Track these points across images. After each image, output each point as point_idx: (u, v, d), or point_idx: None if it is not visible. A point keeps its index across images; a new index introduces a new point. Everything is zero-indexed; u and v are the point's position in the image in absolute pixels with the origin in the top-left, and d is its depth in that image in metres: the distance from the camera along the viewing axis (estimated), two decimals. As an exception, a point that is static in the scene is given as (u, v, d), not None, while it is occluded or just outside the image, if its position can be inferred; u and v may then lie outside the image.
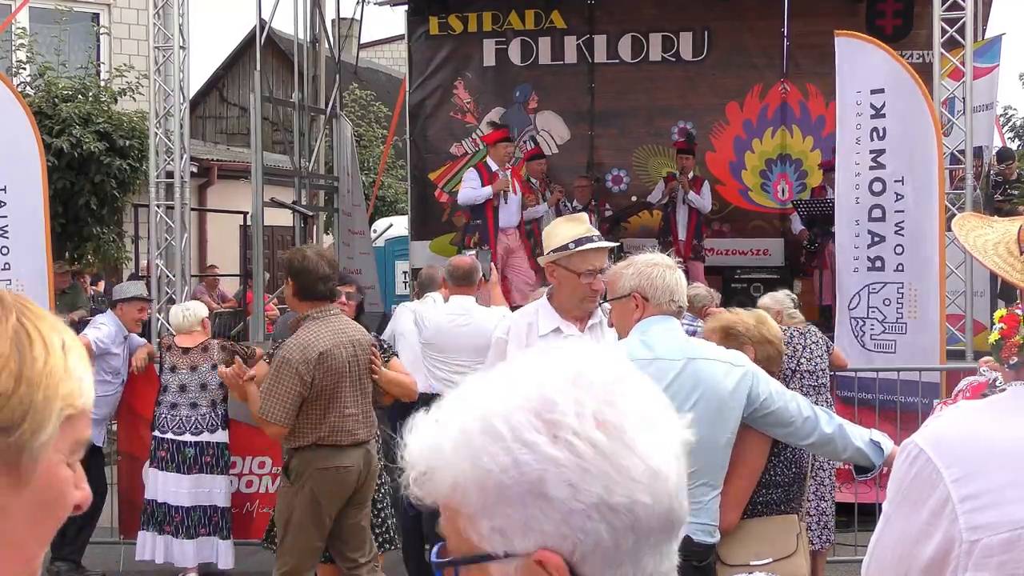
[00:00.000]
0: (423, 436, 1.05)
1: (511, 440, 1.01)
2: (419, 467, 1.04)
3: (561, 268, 3.76)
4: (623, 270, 3.45)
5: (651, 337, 3.30)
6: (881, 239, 7.69)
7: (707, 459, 3.23)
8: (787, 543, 3.62)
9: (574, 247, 3.73)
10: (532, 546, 1.01)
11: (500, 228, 10.06)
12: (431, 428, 1.05)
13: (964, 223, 1.52)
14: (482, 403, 1.04)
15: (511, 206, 10.11)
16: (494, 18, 12.30)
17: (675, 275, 3.39)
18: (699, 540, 3.22)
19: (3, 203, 7.38)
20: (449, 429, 1.04)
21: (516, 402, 1.02)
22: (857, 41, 8.02)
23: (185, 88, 9.28)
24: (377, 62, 26.11)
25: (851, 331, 7.80)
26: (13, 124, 7.43)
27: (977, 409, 1.42)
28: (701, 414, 3.21)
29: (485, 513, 1.02)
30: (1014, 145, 18.08)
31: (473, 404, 1.04)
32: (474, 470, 1.01)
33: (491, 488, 1.01)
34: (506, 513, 1.01)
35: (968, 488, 1.29)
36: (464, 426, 1.03)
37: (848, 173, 7.88)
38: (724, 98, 11.92)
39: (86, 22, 16.24)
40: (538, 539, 1.01)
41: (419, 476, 1.04)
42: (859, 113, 7.82)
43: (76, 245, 12.29)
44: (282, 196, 12.21)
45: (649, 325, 3.34)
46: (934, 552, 1.31)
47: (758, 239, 11.90)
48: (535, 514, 1.00)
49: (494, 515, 1.02)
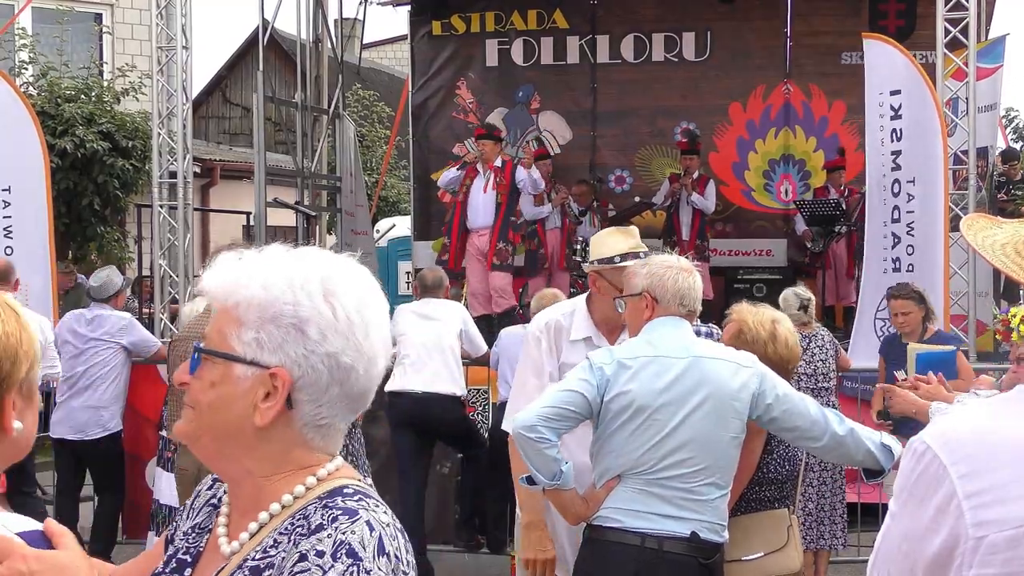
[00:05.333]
0: (230, 268, 1.43)
1: (299, 288, 1.40)
2: (224, 283, 1.42)
3: (604, 280, 3.76)
4: (639, 269, 3.47)
5: (656, 336, 3.32)
6: (897, 240, 7.72)
7: (712, 458, 3.22)
8: (778, 536, 3.63)
9: (620, 261, 3.72)
10: (275, 363, 1.39)
11: (468, 228, 9.93)
12: (236, 265, 1.44)
13: (973, 223, 1.52)
14: (283, 266, 1.42)
15: (480, 206, 9.90)
16: (497, 18, 12.30)
17: (689, 279, 3.40)
18: (705, 538, 3.21)
19: (7, 203, 7.40)
20: (252, 270, 1.42)
21: (310, 270, 1.42)
22: (881, 43, 8.02)
23: (188, 88, 9.29)
24: (380, 62, 26.11)
25: (876, 332, 7.79)
26: (17, 124, 7.45)
27: (984, 407, 1.42)
28: (706, 413, 3.22)
29: (255, 327, 1.39)
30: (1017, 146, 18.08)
31: (275, 265, 1.42)
32: (265, 295, 1.39)
33: (270, 312, 1.39)
34: (271, 331, 1.39)
35: (974, 485, 1.29)
36: (268, 273, 1.41)
37: (876, 174, 7.90)
38: (727, 98, 11.91)
39: (88, 22, 16.25)
40: (282, 359, 1.39)
41: (219, 287, 1.43)
42: (881, 115, 7.86)
43: (79, 245, 12.31)
44: (285, 196, 12.21)
45: (657, 326, 3.35)
46: (939, 548, 1.31)
47: (761, 239, 11.89)
48: (290, 341, 1.39)
49: (260, 331, 1.39)
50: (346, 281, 1.43)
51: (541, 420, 3.12)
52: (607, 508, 3.24)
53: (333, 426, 1.45)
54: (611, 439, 3.24)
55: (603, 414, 3.23)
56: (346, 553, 1.30)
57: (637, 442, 3.20)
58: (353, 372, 1.41)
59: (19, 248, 7.37)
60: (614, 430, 3.23)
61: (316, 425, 1.43)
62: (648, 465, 3.19)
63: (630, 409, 3.19)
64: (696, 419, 3.20)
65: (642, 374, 3.21)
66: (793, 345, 3.76)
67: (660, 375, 3.22)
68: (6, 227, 7.37)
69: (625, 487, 3.23)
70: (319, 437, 1.44)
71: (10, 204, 7.36)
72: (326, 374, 1.40)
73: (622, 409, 3.20)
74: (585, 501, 3.28)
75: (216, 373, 1.41)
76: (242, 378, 1.40)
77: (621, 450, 3.22)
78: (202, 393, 1.42)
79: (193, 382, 1.43)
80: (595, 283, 3.80)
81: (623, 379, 3.21)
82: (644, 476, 3.20)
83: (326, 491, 1.40)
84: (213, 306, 1.46)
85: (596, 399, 3.20)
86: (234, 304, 1.41)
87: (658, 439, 3.18)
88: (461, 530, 7.20)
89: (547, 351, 3.77)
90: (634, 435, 3.20)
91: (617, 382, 3.21)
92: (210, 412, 1.42)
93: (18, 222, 7.38)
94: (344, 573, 1.29)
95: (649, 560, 3.16)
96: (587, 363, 3.27)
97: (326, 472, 1.43)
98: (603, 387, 3.20)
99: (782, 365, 3.60)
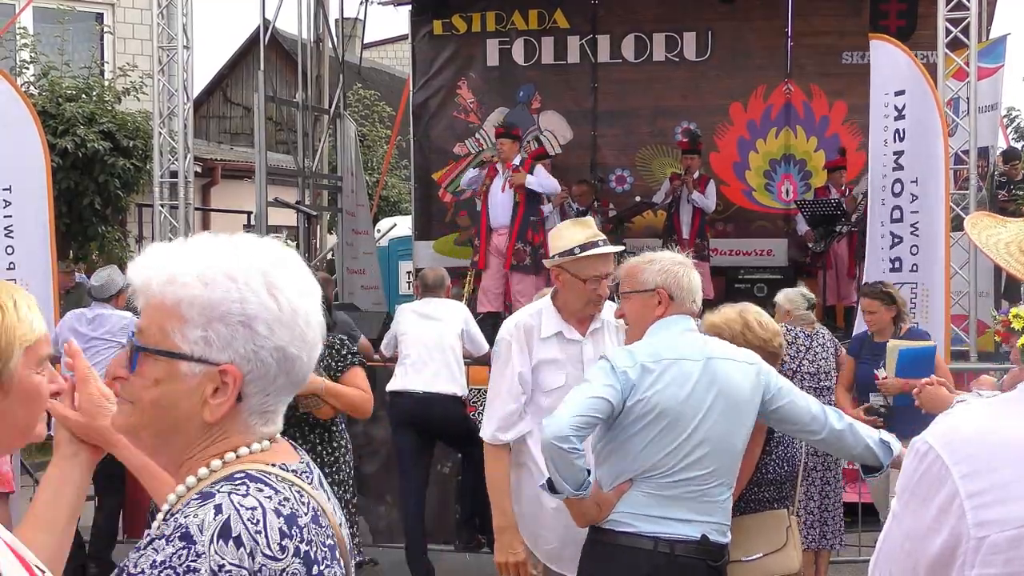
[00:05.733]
0: (161, 261, 1.44)
1: (243, 283, 1.39)
2: (158, 278, 1.42)
3: (566, 272, 3.73)
4: (645, 265, 3.40)
5: (672, 336, 3.28)
6: (899, 240, 7.72)
7: (724, 459, 3.21)
8: (777, 537, 3.63)
9: (580, 252, 3.68)
10: (225, 360, 1.39)
11: (491, 227, 10.00)
12: (168, 258, 1.44)
13: (977, 222, 1.52)
14: (220, 259, 1.42)
15: (498, 206, 9.95)
16: (497, 18, 12.30)
17: (697, 276, 3.42)
18: (714, 540, 3.20)
19: (8, 203, 7.39)
20: (187, 267, 1.41)
21: (249, 262, 1.42)
22: (887, 44, 8.01)
23: (189, 88, 9.30)
24: (381, 62, 26.11)
25: None
26: (18, 124, 7.44)
27: (987, 407, 1.42)
28: (720, 414, 3.19)
29: (201, 325, 1.39)
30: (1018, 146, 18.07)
31: (211, 258, 1.42)
32: (209, 293, 1.39)
33: (218, 310, 1.38)
34: (218, 329, 1.38)
35: (976, 484, 1.29)
36: (205, 267, 1.41)
37: (877, 175, 7.90)
38: (728, 98, 11.91)
39: (89, 22, 16.25)
40: (231, 356, 1.39)
41: (153, 282, 1.42)
42: (886, 115, 7.85)
43: (80, 245, 12.31)
44: (286, 196, 12.22)
45: (670, 324, 3.31)
46: (941, 548, 1.31)
47: (762, 239, 11.89)
48: (238, 338, 1.39)
49: (208, 329, 1.39)
50: (285, 271, 1.44)
51: (574, 430, 3.04)
52: (619, 512, 3.20)
53: (275, 411, 1.48)
54: (628, 442, 3.19)
55: (622, 417, 3.16)
56: (179, 536, 1.29)
57: (658, 446, 3.15)
58: (299, 361, 1.44)
59: (20, 248, 7.37)
60: (633, 434, 3.17)
61: (260, 412, 1.45)
62: (665, 468, 3.15)
63: (652, 413, 3.14)
64: (711, 421, 3.17)
65: (665, 377, 3.16)
66: (767, 323, 3.78)
67: (682, 379, 3.17)
68: (7, 227, 7.36)
69: (637, 490, 3.19)
70: (261, 423, 1.46)
71: (11, 204, 7.35)
72: (274, 366, 1.41)
73: (645, 413, 3.15)
74: (597, 505, 3.24)
75: (160, 370, 1.41)
76: (189, 375, 1.40)
77: (639, 454, 3.17)
78: (144, 390, 1.42)
79: (133, 379, 1.43)
80: (558, 277, 3.77)
81: (647, 383, 3.15)
82: (659, 480, 3.16)
83: (223, 475, 1.40)
84: (141, 300, 1.44)
85: (620, 403, 3.14)
86: (175, 301, 1.39)
87: (678, 443, 3.15)
88: (461, 530, 7.19)
89: (519, 352, 3.76)
90: (655, 439, 3.15)
91: (641, 386, 3.14)
92: (153, 408, 1.42)
93: (19, 222, 7.37)
94: (172, 556, 1.27)
95: (661, 565, 3.14)
96: (608, 365, 3.19)
97: (234, 456, 1.43)
98: (627, 391, 3.14)
99: (766, 348, 3.61)
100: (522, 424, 3.76)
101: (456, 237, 12.40)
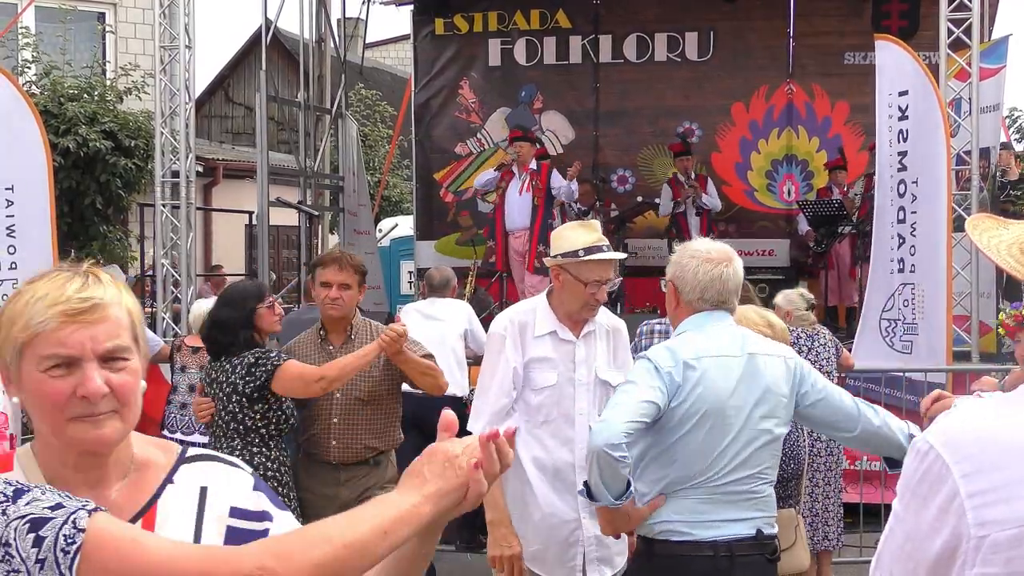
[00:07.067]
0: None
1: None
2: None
3: (567, 273, 3.71)
4: (672, 256, 3.34)
5: (712, 332, 3.18)
6: (902, 241, 7.72)
7: (767, 454, 3.15)
8: (786, 536, 3.62)
9: (584, 255, 3.65)
10: None
11: (508, 230, 10.05)
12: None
13: (978, 223, 1.52)
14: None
15: (516, 209, 10.02)
16: (499, 18, 12.31)
17: (715, 270, 3.19)
18: (768, 533, 3.16)
19: (11, 202, 7.40)
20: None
21: None
22: (892, 45, 8.02)
23: (191, 87, 9.30)
24: (382, 62, 26.11)
25: (880, 333, 7.78)
26: (20, 123, 7.44)
27: (988, 406, 1.42)
28: (763, 411, 3.12)
29: None
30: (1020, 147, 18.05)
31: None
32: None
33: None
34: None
35: (977, 484, 1.30)
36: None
37: (884, 175, 7.90)
38: (729, 99, 11.92)
39: (91, 21, 16.25)
40: None
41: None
42: (891, 116, 7.86)
43: (82, 244, 12.30)
44: (287, 196, 12.23)
45: (706, 320, 3.20)
46: (942, 547, 1.31)
47: (764, 240, 11.90)
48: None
49: None
50: None
51: (626, 437, 2.91)
52: (669, 521, 3.10)
53: None
54: (675, 447, 3.08)
55: (664, 420, 3.05)
56: None
57: (706, 449, 3.06)
58: None
59: (22, 247, 7.37)
60: (679, 437, 3.07)
61: None
62: (715, 471, 3.07)
63: (698, 414, 3.04)
64: (755, 419, 3.10)
65: (709, 376, 3.06)
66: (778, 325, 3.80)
67: (726, 377, 3.08)
68: (9, 226, 7.36)
69: (686, 496, 3.09)
70: None
71: (13, 203, 7.35)
72: None
73: (690, 415, 3.05)
74: (628, 516, 3.13)
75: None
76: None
77: (687, 459, 3.07)
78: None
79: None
80: (558, 276, 3.73)
81: (691, 383, 3.04)
82: (709, 484, 3.07)
83: None
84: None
85: (665, 406, 3.02)
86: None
87: (726, 444, 3.06)
88: (462, 530, 7.19)
89: (512, 347, 3.73)
90: (704, 442, 3.05)
91: (685, 386, 3.04)
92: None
93: (21, 221, 7.37)
94: None
95: (723, 568, 3.06)
96: (651, 365, 3.06)
97: None
98: (671, 392, 3.02)
99: None
100: (510, 420, 3.70)
101: (457, 237, 12.41)
